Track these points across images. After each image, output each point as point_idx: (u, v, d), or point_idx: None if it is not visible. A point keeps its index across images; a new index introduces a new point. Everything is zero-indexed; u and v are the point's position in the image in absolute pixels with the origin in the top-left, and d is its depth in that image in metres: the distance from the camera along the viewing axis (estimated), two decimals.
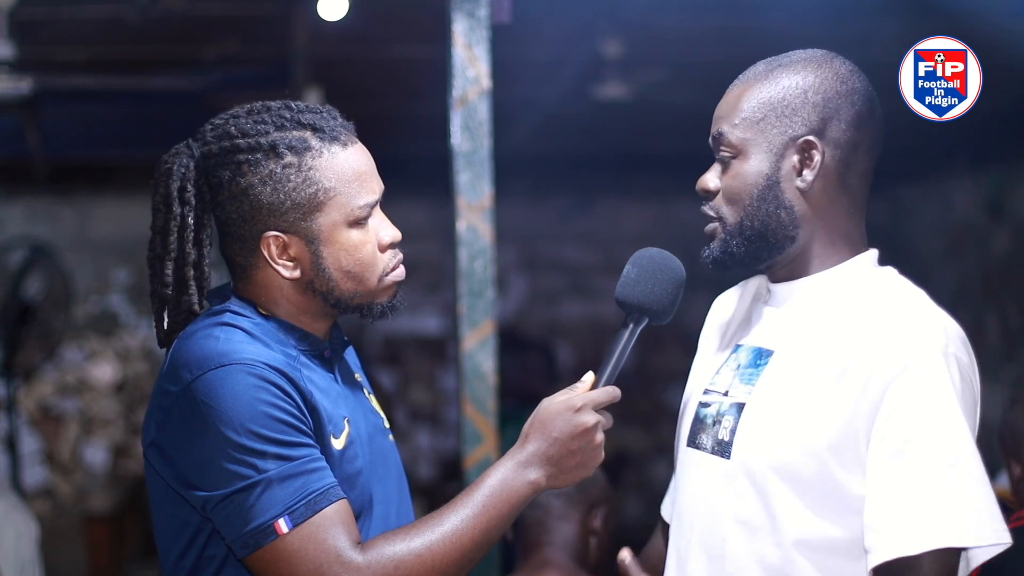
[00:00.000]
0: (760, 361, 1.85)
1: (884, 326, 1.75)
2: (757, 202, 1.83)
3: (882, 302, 1.80)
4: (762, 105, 1.84)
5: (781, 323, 1.87)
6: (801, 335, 1.83)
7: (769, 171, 1.83)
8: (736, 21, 4.55)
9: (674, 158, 7.82)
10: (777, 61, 1.88)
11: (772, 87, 1.84)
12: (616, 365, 1.87)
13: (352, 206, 1.88)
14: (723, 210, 1.86)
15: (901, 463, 1.68)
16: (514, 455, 1.84)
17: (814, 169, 1.82)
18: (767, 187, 1.83)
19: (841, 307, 1.82)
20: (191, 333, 1.85)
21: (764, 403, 1.81)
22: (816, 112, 1.82)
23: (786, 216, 1.83)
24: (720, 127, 1.87)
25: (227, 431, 1.75)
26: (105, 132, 6.76)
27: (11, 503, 3.79)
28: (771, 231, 1.83)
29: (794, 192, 1.83)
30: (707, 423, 1.88)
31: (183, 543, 1.85)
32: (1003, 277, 6.79)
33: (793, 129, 1.82)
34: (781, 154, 1.83)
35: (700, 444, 1.89)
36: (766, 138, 1.83)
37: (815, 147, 1.81)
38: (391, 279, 1.94)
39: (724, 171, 1.87)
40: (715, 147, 1.89)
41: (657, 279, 1.88)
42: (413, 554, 1.76)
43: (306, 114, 1.90)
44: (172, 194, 1.90)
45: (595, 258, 8.24)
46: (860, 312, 1.79)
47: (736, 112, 1.85)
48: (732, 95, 1.88)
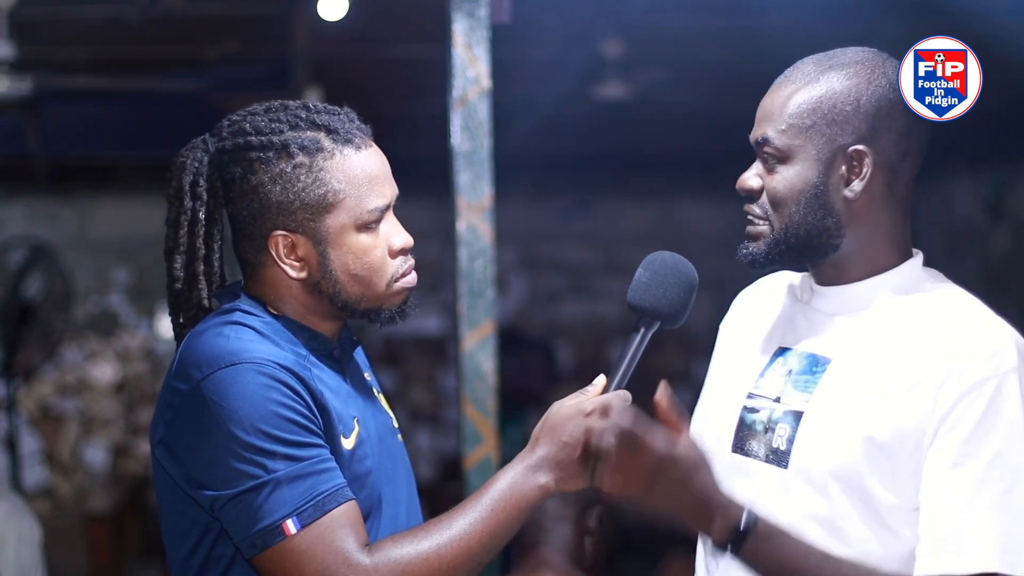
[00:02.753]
0: (816, 369, 1.80)
1: (956, 338, 1.71)
2: (803, 210, 1.78)
3: (945, 311, 1.76)
4: (812, 111, 1.77)
5: (836, 330, 1.83)
6: (860, 343, 1.79)
7: (817, 180, 1.77)
8: (736, 21, 4.55)
9: (674, 158, 7.84)
10: (827, 61, 1.81)
11: (823, 91, 1.78)
12: (627, 369, 1.85)
13: (361, 209, 1.87)
14: (769, 212, 1.81)
15: (962, 475, 1.65)
16: (524, 458, 1.83)
17: (863, 179, 1.77)
18: (814, 196, 1.78)
19: (899, 314, 1.78)
20: (201, 331, 1.85)
21: (825, 412, 1.76)
22: (867, 121, 1.76)
23: (832, 224, 1.79)
24: (765, 130, 1.80)
25: (236, 430, 1.74)
26: (105, 132, 6.76)
27: (13, 505, 3.78)
28: (816, 239, 1.79)
29: (841, 200, 1.78)
30: (756, 429, 1.84)
31: (191, 542, 1.84)
32: (1003, 277, 6.79)
33: (843, 138, 1.76)
34: (830, 163, 1.77)
35: (750, 451, 1.84)
36: (815, 145, 1.77)
37: (865, 157, 1.77)
38: (400, 285, 1.93)
39: (769, 173, 1.81)
40: (759, 148, 1.83)
41: (669, 283, 1.86)
42: (420, 557, 1.75)
43: (322, 115, 1.89)
44: (184, 188, 1.90)
45: (595, 258, 8.24)
46: (924, 321, 1.75)
47: (783, 115, 1.79)
48: (779, 95, 1.81)
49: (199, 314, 1.92)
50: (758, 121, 1.83)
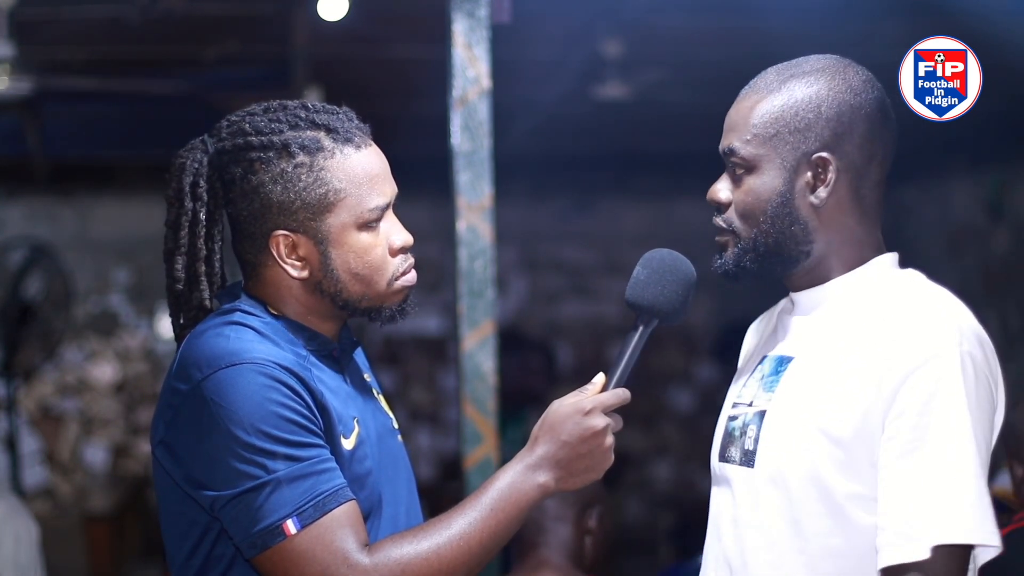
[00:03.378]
0: (780, 368, 1.84)
1: (899, 325, 1.74)
2: (771, 219, 1.81)
3: (899, 302, 1.79)
4: (775, 120, 1.80)
5: (798, 329, 1.87)
6: (818, 339, 1.82)
7: (783, 188, 1.80)
8: (736, 21, 4.55)
9: (674, 158, 7.83)
10: (789, 70, 1.83)
11: (784, 100, 1.80)
12: (627, 367, 1.86)
13: (362, 208, 1.87)
14: (736, 224, 1.84)
15: (909, 463, 1.68)
16: (523, 458, 1.83)
17: (828, 185, 1.80)
18: (781, 204, 1.80)
19: (857, 309, 1.81)
20: (201, 331, 1.85)
21: (784, 409, 1.80)
22: (829, 127, 1.79)
23: (800, 232, 1.81)
24: (731, 141, 1.83)
25: (237, 430, 1.74)
26: (105, 132, 6.75)
27: (11, 506, 3.77)
28: (785, 247, 1.82)
29: (808, 208, 1.80)
30: (735, 435, 1.87)
31: (191, 542, 1.84)
32: (1003, 277, 6.78)
33: (806, 145, 1.79)
34: (794, 170, 1.80)
35: (729, 457, 1.88)
36: (779, 154, 1.80)
37: (829, 163, 1.79)
38: (401, 283, 1.93)
39: (736, 184, 1.84)
40: (726, 159, 1.86)
41: (667, 280, 1.86)
42: (420, 557, 1.75)
43: (321, 115, 1.89)
44: (184, 189, 1.90)
45: (595, 258, 8.23)
46: (876, 313, 1.78)
47: (748, 126, 1.81)
48: (743, 106, 1.84)
49: (200, 315, 1.92)
50: (725, 132, 1.86)
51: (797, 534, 1.75)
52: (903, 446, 1.68)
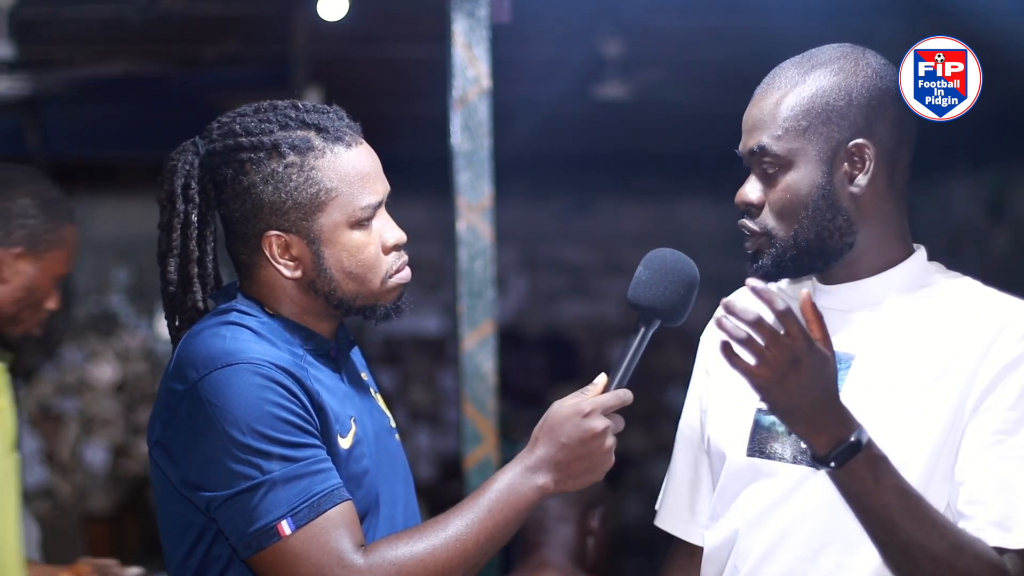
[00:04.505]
0: (841, 366, 1.74)
1: (983, 321, 1.73)
2: (813, 214, 1.76)
3: (962, 299, 1.78)
4: (806, 112, 1.76)
5: (855, 326, 1.81)
6: (881, 338, 1.78)
7: (822, 180, 1.76)
8: (736, 21, 4.56)
9: (674, 158, 7.84)
10: (808, 62, 1.80)
11: (813, 91, 1.76)
12: (628, 368, 1.83)
13: (354, 207, 1.87)
14: (771, 225, 1.79)
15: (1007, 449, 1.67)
16: (522, 459, 1.82)
17: (867, 173, 1.76)
18: (822, 197, 1.76)
19: (917, 307, 1.79)
20: (197, 331, 1.85)
21: (857, 408, 1.71)
22: (862, 113, 1.75)
23: (843, 223, 1.77)
24: (759, 139, 1.78)
25: (232, 431, 1.74)
26: (105, 132, 6.76)
27: None
28: (829, 241, 1.78)
29: (848, 197, 1.77)
30: (776, 430, 1.81)
31: (188, 543, 1.84)
32: (1003, 277, 6.79)
33: (841, 134, 1.75)
34: (832, 161, 1.76)
35: (772, 454, 1.81)
36: (814, 146, 1.75)
37: (866, 149, 1.76)
38: (395, 281, 1.93)
39: (769, 184, 1.79)
40: (754, 160, 1.80)
41: (669, 281, 1.84)
42: (415, 558, 1.75)
43: (311, 114, 1.89)
44: (176, 191, 1.90)
45: (595, 258, 8.24)
46: (942, 311, 1.77)
47: (776, 122, 1.77)
48: (768, 103, 1.79)
49: (195, 316, 1.91)
50: (748, 132, 1.81)
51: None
52: (999, 431, 1.67)
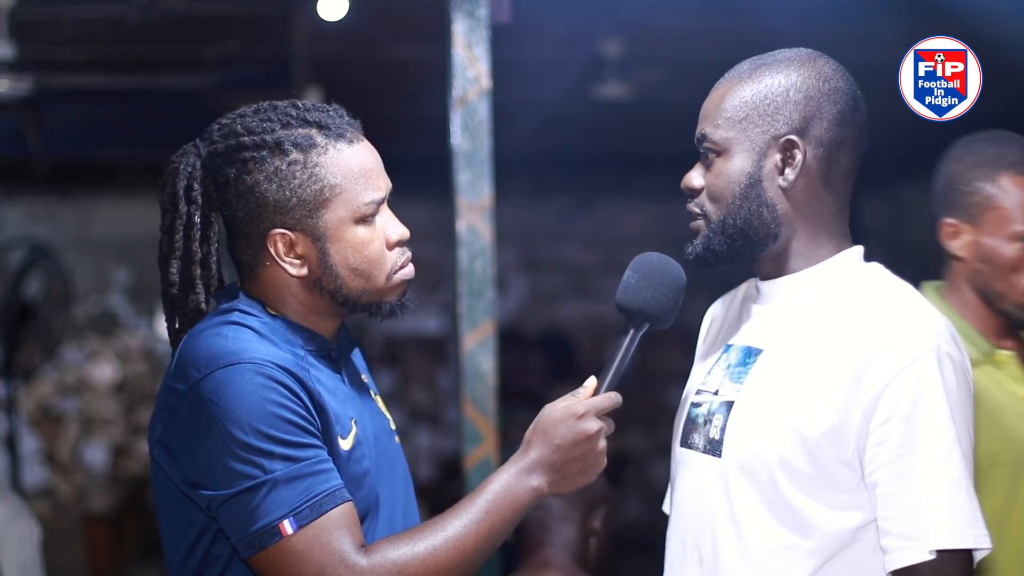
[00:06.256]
0: (749, 360, 1.87)
1: (875, 325, 1.76)
2: (739, 200, 1.84)
3: (870, 299, 1.81)
4: (744, 104, 1.85)
5: (768, 321, 1.89)
6: (788, 332, 1.84)
7: (751, 170, 1.84)
8: (736, 21, 4.55)
9: (674, 158, 7.81)
10: (761, 60, 1.89)
11: (755, 86, 1.85)
12: (618, 371, 1.87)
13: (358, 203, 1.88)
14: (707, 207, 1.88)
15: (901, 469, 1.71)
16: (517, 461, 1.83)
17: (796, 168, 1.83)
18: (749, 185, 1.84)
19: (829, 303, 1.83)
20: (199, 331, 1.85)
21: (752, 400, 1.82)
22: (798, 111, 1.83)
23: (768, 214, 1.84)
24: (704, 127, 1.88)
25: (234, 430, 1.74)
26: (105, 132, 6.76)
27: (13, 507, 3.79)
28: (753, 229, 1.85)
29: (776, 191, 1.84)
30: (698, 422, 1.90)
31: (189, 542, 1.84)
32: None
33: (775, 128, 1.83)
34: (763, 153, 1.84)
35: (692, 443, 1.90)
36: (748, 137, 1.84)
37: (797, 146, 1.83)
38: (399, 277, 1.93)
39: (708, 169, 1.88)
40: (699, 146, 1.90)
41: (658, 284, 1.88)
42: (416, 558, 1.76)
43: (312, 112, 1.90)
44: (178, 193, 1.90)
45: (595, 258, 8.24)
46: (848, 308, 1.81)
47: (719, 112, 1.86)
48: (716, 94, 1.89)
49: (196, 318, 1.91)
50: (699, 121, 1.90)
51: (766, 524, 1.77)
52: (892, 451, 1.71)
